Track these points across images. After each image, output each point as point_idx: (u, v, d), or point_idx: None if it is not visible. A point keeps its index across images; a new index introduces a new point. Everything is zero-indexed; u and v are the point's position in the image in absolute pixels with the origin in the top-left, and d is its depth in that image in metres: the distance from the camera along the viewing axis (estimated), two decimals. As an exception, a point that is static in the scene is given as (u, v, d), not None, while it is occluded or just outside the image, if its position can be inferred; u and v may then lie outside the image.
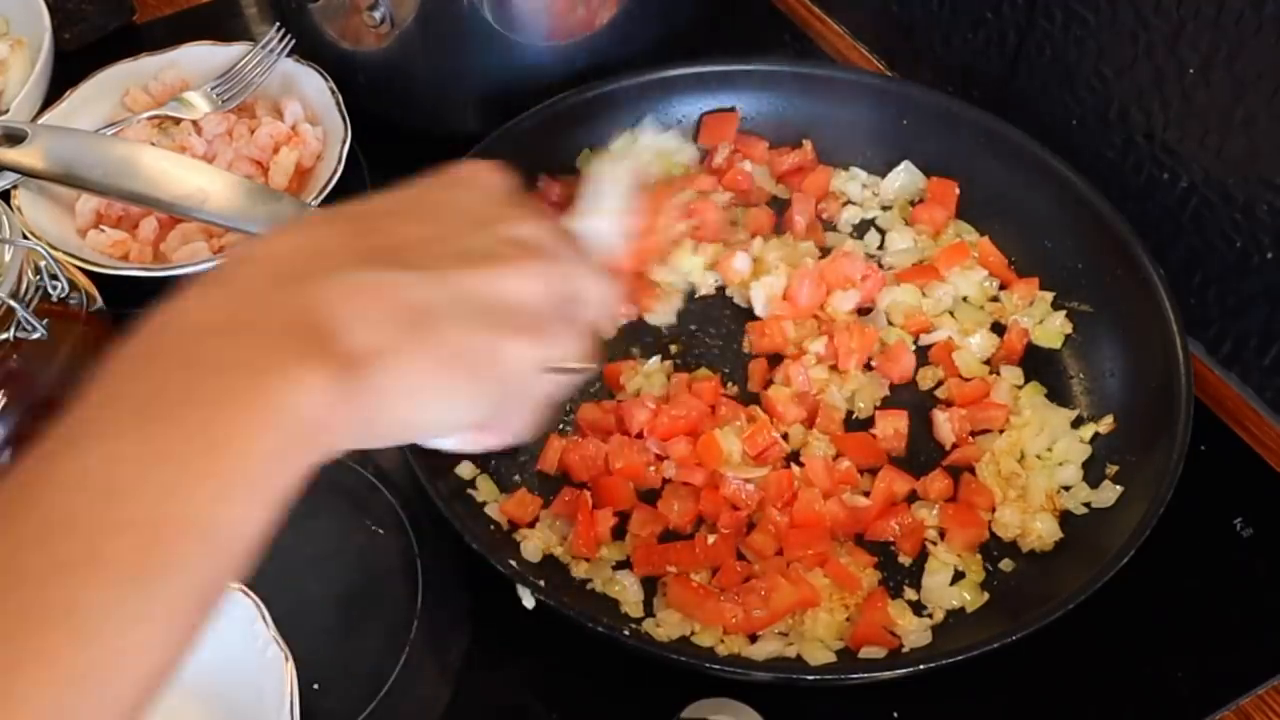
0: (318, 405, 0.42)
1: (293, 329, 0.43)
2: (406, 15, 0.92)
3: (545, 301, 0.49)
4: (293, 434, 0.41)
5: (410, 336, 0.44)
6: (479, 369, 0.46)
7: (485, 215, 0.50)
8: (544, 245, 0.51)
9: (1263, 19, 0.75)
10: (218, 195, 0.84)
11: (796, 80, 0.96)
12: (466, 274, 0.47)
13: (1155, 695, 0.73)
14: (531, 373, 0.49)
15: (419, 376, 0.45)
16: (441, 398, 0.46)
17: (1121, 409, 0.82)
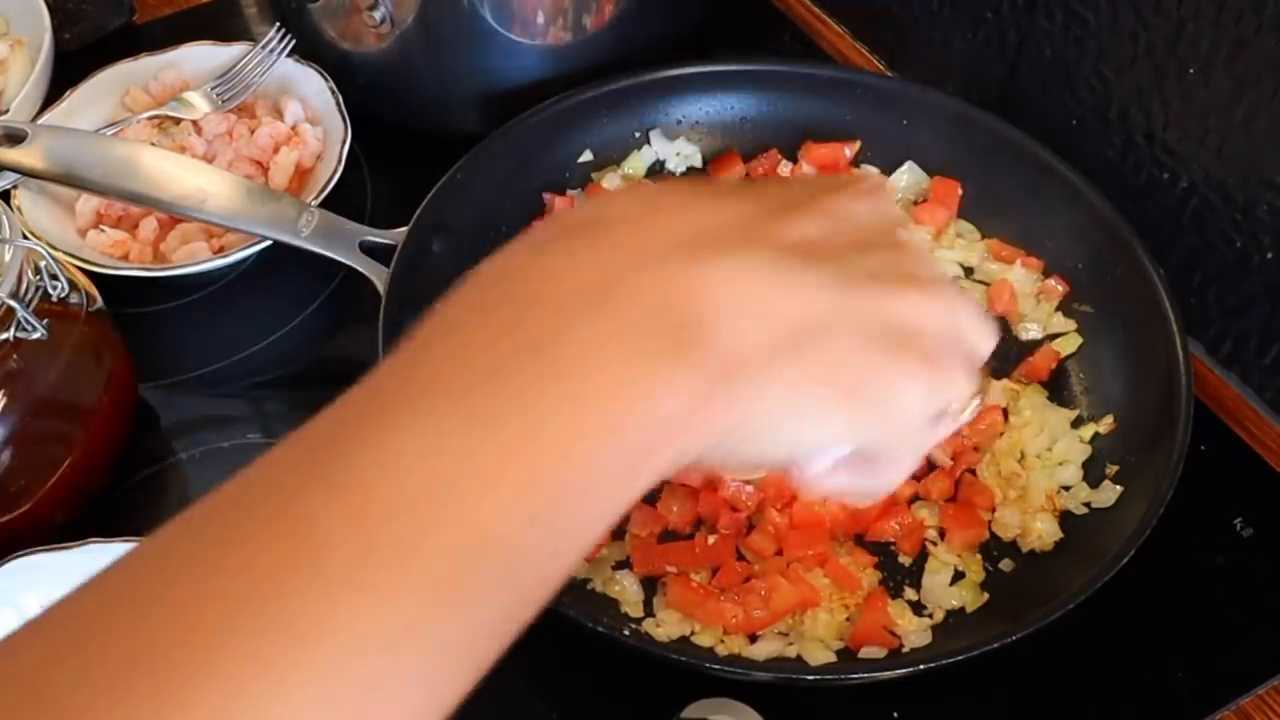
0: (682, 410, 0.36)
1: (669, 313, 0.37)
2: (406, 15, 0.92)
3: (943, 335, 0.43)
4: (648, 444, 0.36)
5: (797, 343, 0.39)
6: (862, 392, 0.41)
7: (876, 236, 0.44)
8: (934, 280, 0.45)
9: (1263, 19, 0.75)
10: (218, 195, 0.84)
11: (796, 80, 0.96)
12: (870, 286, 0.41)
13: (1155, 695, 0.73)
14: (919, 410, 0.43)
15: (801, 387, 0.39)
16: (819, 416, 0.41)
17: (1121, 409, 0.82)
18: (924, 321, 0.42)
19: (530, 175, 0.93)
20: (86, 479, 0.77)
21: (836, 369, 0.40)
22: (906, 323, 0.42)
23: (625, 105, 0.95)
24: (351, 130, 0.95)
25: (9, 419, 0.71)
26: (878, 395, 0.41)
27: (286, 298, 0.92)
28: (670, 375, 0.36)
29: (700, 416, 0.37)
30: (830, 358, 0.40)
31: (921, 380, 0.42)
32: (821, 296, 0.40)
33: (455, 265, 0.87)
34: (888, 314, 0.41)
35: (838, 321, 0.40)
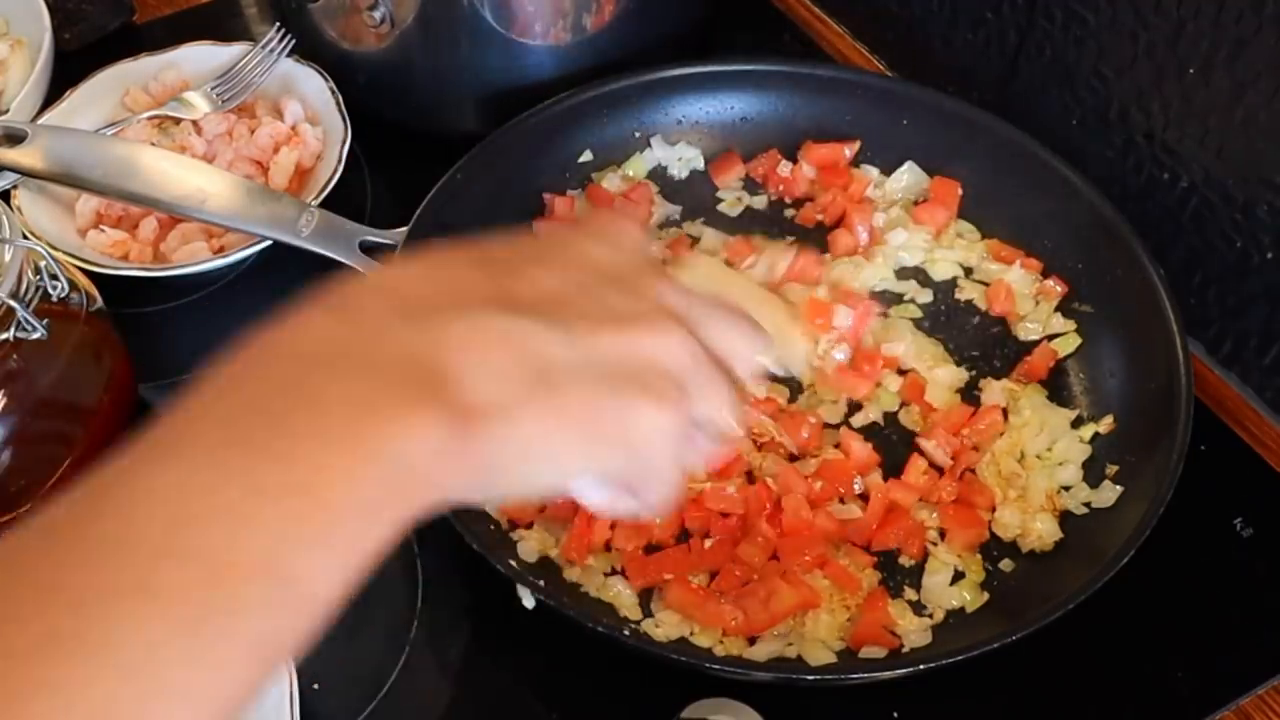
0: (426, 455, 0.38)
1: (410, 368, 0.40)
2: (406, 15, 0.92)
3: (686, 367, 0.47)
4: (395, 484, 0.38)
5: (535, 391, 0.42)
6: (604, 430, 0.44)
7: (627, 275, 0.48)
8: (687, 311, 0.48)
9: (1263, 19, 0.75)
10: (218, 195, 0.84)
11: (796, 80, 0.96)
12: (604, 332, 0.45)
13: (1155, 695, 0.73)
14: (664, 440, 0.46)
15: (538, 433, 0.42)
16: (559, 457, 0.44)
17: (1121, 409, 0.82)
18: (661, 357, 0.46)
19: (530, 175, 0.93)
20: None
21: (571, 411, 0.43)
22: (641, 360, 0.45)
23: (625, 105, 0.95)
24: (351, 130, 0.95)
25: (9, 419, 0.71)
26: (612, 431, 0.45)
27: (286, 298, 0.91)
28: (415, 421, 0.38)
29: (448, 459, 0.39)
30: (564, 402, 0.43)
31: (656, 414, 0.45)
32: (551, 347, 0.43)
33: (455, 265, 0.88)
34: (620, 354, 0.45)
35: (568, 368, 0.43)
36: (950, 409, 0.83)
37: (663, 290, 0.49)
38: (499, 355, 0.42)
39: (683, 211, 0.96)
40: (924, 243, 0.92)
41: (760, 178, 0.97)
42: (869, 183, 0.95)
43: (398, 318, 0.41)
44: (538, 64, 0.97)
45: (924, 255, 0.92)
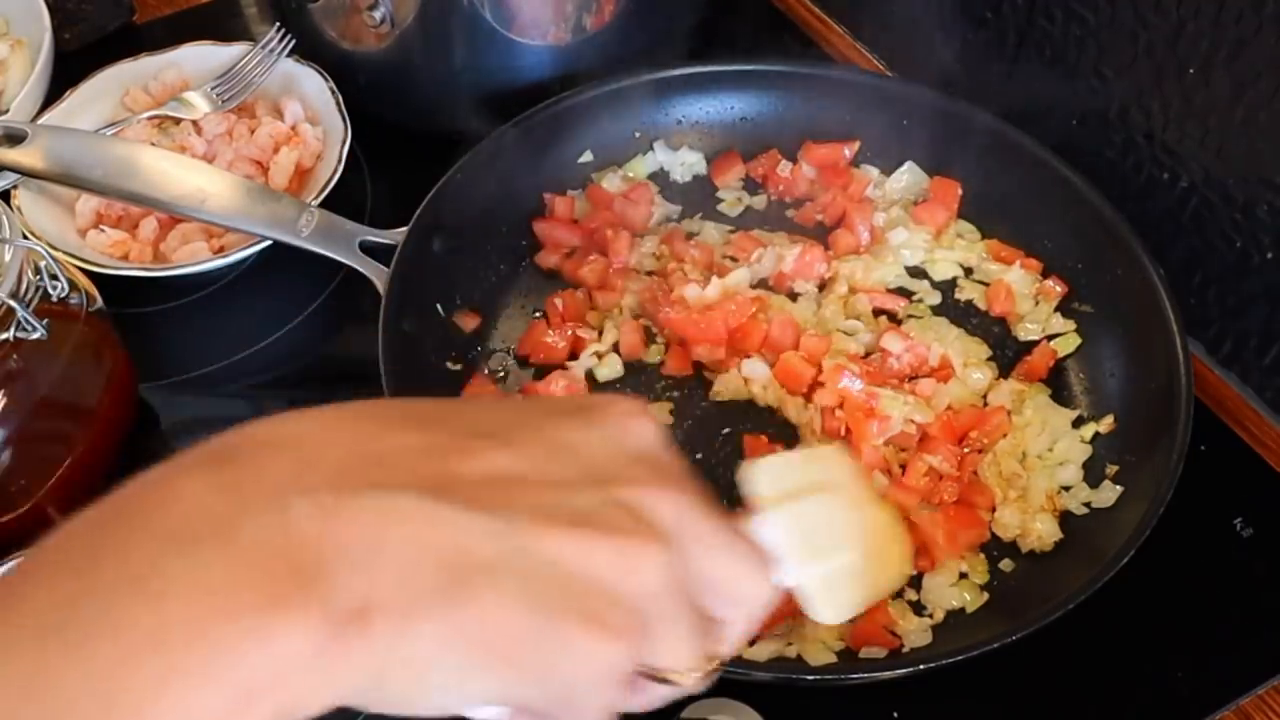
0: (295, 654, 0.33)
1: (292, 553, 0.34)
2: (406, 15, 0.92)
3: (651, 598, 0.38)
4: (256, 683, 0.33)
5: (442, 597, 0.35)
6: (518, 657, 0.36)
7: (612, 470, 0.40)
8: (678, 529, 0.39)
9: (1263, 19, 0.75)
10: (218, 195, 0.84)
11: (796, 80, 0.96)
12: (551, 533, 0.37)
13: (1155, 695, 0.73)
14: (595, 682, 0.38)
15: (437, 649, 0.35)
16: (461, 679, 0.36)
17: (1122, 409, 0.82)
18: (613, 575, 0.37)
19: (530, 175, 0.93)
20: (86, 479, 0.77)
21: (481, 628, 0.36)
22: (585, 574, 0.37)
23: (625, 105, 0.95)
24: (351, 130, 0.95)
25: (9, 419, 0.71)
26: (529, 659, 0.36)
27: (286, 298, 0.92)
28: (282, 619, 0.33)
29: (323, 664, 0.33)
30: (479, 615, 0.35)
31: (583, 647, 0.37)
32: (477, 543, 0.36)
33: (455, 265, 0.88)
34: (563, 564, 0.37)
35: (493, 573, 0.36)
36: (960, 409, 0.83)
37: (657, 501, 0.39)
38: (408, 547, 0.35)
39: (682, 211, 0.96)
40: (924, 243, 0.92)
41: (760, 178, 0.97)
42: (869, 183, 0.95)
43: (295, 489, 0.35)
44: (538, 64, 0.97)
45: (924, 255, 0.92)
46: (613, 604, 0.37)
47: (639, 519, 0.38)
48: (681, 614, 0.39)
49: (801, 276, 0.89)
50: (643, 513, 0.39)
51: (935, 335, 0.86)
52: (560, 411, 0.42)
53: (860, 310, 0.88)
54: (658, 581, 0.38)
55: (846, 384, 0.81)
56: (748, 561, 0.43)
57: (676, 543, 0.39)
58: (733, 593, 0.42)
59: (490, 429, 0.40)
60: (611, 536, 0.38)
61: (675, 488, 0.40)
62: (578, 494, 0.38)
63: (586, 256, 0.91)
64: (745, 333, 0.85)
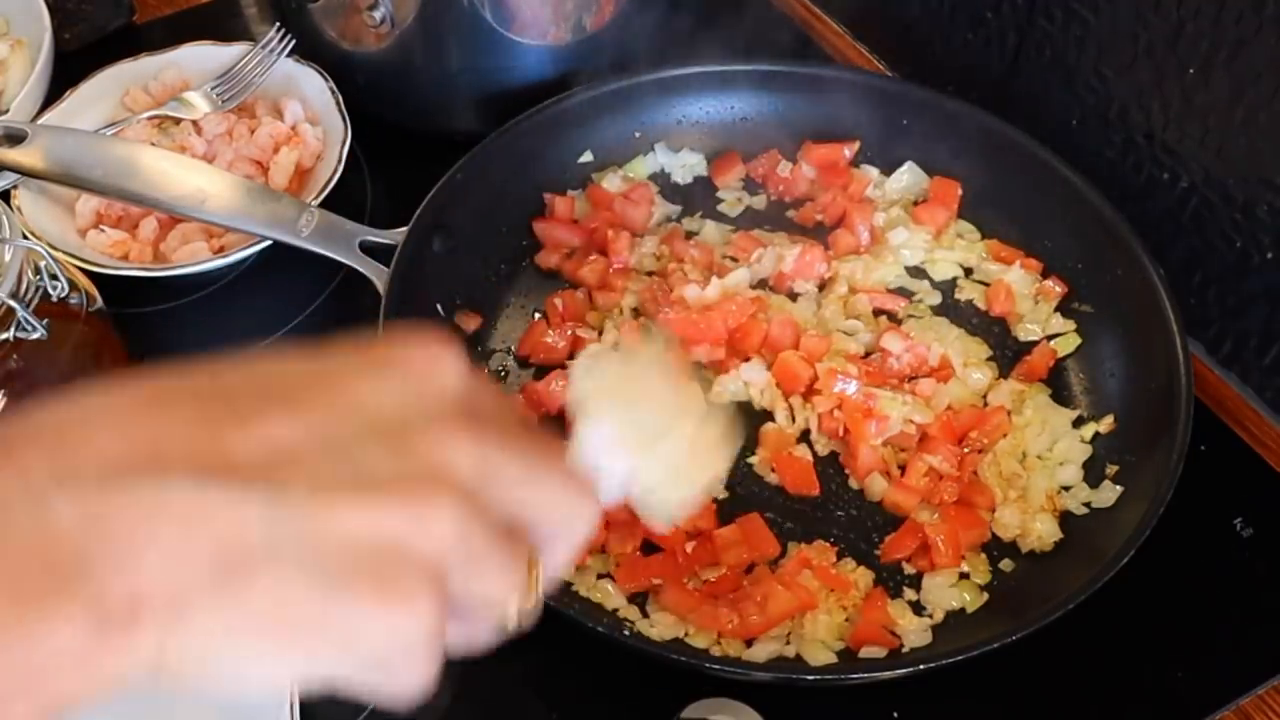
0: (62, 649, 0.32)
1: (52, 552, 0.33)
2: (406, 15, 0.92)
3: (449, 550, 0.37)
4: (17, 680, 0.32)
5: (215, 583, 0.34)
6: (314, 635, 0.35)
7: (407, 423, 0.38)
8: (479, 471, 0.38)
9: (1263, 19, 0.75)
10: (218, 195, 0.84)
11: (796, 80, 0.96)
12: (337, 504, 0.35)
13: (1155, 695, 0.73)
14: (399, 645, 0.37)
15: (218, 634, 0.34)
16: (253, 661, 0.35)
17: (1122, 409, 0.82)
18: (404, 535, 0.36)
19: (530, 175, 0.93)
20: (86, 479, 0.77)
21: (268, 611, 0.35)
22: (372, 540, 0.35)
23: (625, 105, 0.95)
24: (351, 130, 0.95)
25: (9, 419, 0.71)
26: (318, 634, 0.35)
27: (286, 298, 0.92)
28: (39, 619, 0.32)
29: (90, 661, 0.33)
30: (259, 599, 0.34)
31: (373, 614, 0.35)
32: (251, 525, 0.34)
33: (455, 265, 0.88)
34: (345, 533, 0.35)
35: (270, 552, 0.34)
36: (960, 409, 0.83)
37: (453, 447, 0.38)
38: (176, 536, 0.34)
39: (682, 211, 0.96)
40: (924, 243, 0.92)
41: (760, 178, 0.97)
42: (869, 183, 0.95)
43: (55, 482, 0.34)
44: (538, 64, 0.97)
45: (924, 255, 0.92)
46: (407, 566, 0.36)
47: (432, 471, 0.37)
48: (488, 553, 0.38)
49: (801, 276, 0.89)
50: (436, 463, 0.37)
51: (935, 335, 0.86)
52: (354, 364, 0.40)
53: (860, 310, 0.88)
54: (453, 533, 0.37)
55: (842, 388, 0.81)
56: (563, 486, 0.42)
57: (478, 485, 0.38)
58: (549, 519, 0.41)
59: (275, 391, 0.38)
60: (399, 496, 0.36)
61: (475, 428, 0.38)
62: (364, 455, 0.37)
63: (586, 256, 0.91)
64: (745, 333, 0.85)
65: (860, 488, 0.80)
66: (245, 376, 0.39)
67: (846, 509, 0.80)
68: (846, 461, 0.81)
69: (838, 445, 0.82)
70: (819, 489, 0.80)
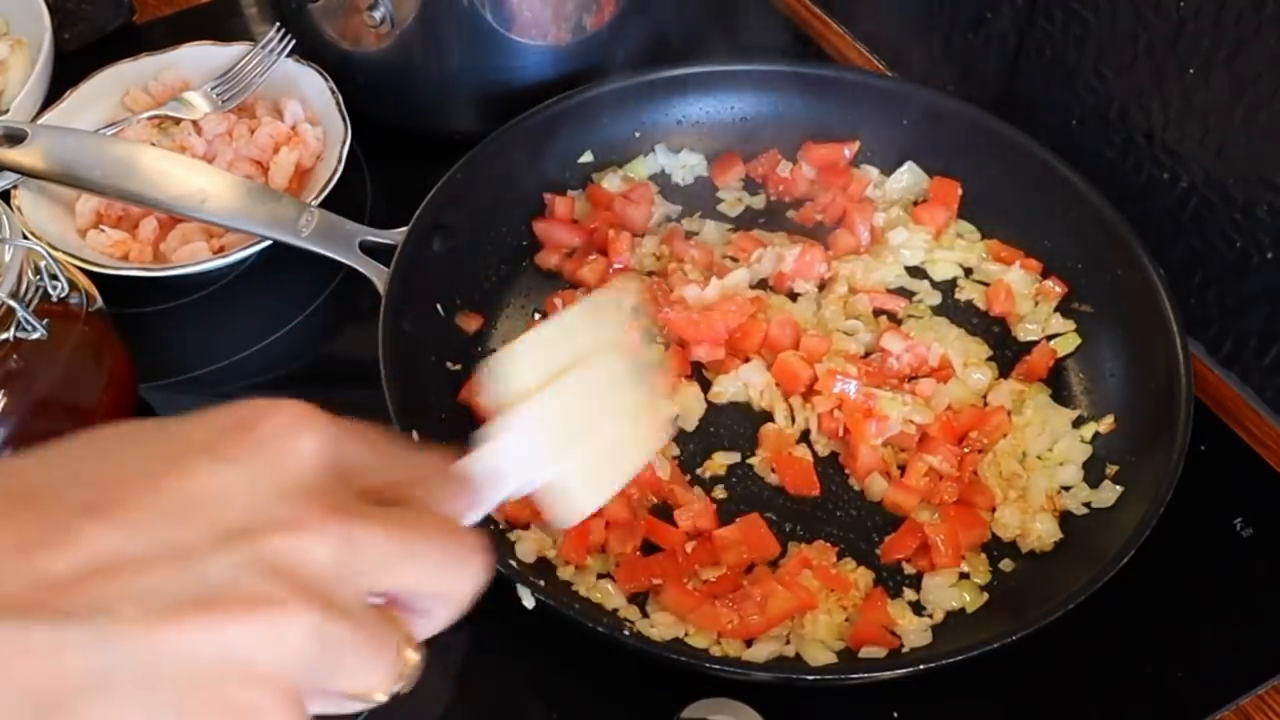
0: None
1: None
2: (406, 15, 0.92)
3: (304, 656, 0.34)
4: None
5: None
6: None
7: (251, 519, 0.34)
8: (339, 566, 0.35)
9: (1263, 19, 0.75)
10: (218, 195, 0.84)
11: (796, 80, 0.96)
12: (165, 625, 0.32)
13: (1155, 695, 0.73)
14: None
15: None
16: None
17: (1122, 409, 0.82)
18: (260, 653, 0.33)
19: (530, 175, 0.93)
20: (86, 479, 0.77)
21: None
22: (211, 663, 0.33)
23: (625, 105, 0.95)
24: (351, 130, 0.95)
25: (9, 419, 0.71)
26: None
27: (286, 298, 0.92)
28: None
29: None
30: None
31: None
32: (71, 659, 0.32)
33: (455, 265, 0.88)
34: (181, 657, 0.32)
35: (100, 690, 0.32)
36: (960, 409, 0.83)
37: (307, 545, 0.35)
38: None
39: (682, 210, 0.96)
40: (924, 243, 0.92)
41: (760, 178, 0.97)
42: (869, 183, 0.95)
43: None
44: (538, 64, 0.97)
45: (924, 255, 0.92)
46: (256, 685, 0.33)
47: (282, 575, 0.34)
48: (351, 651, 0.35)
49: (801, 276, 0.90)
50: (287, 564, 0.34)
51: (935, 335, 0.86)
52: (193, 449, 0.36)
53: (860, 310, 0.88)
54: (307, 643, 0.34)
55: (842, 388, 0.81)
56: (441, 552, 0.38)
57: (337, 576, 0.35)
58: (426, 589, 0.38)
59: (100, 495, 0.34)
60: (244, 610, 0.33)
61: (335, 510, 0.35)
62: (203, 563, 0.33)
63: (586, 256, 0.91)
64: (745, 333, 0.85)
65: (860, 488, 0.80)
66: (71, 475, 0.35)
67: (846, 509, 0.80)
68: (846, 461, 0.81)
69: (838, 445, 0.82)
70: (819, 489, 0.80)
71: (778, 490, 0.80)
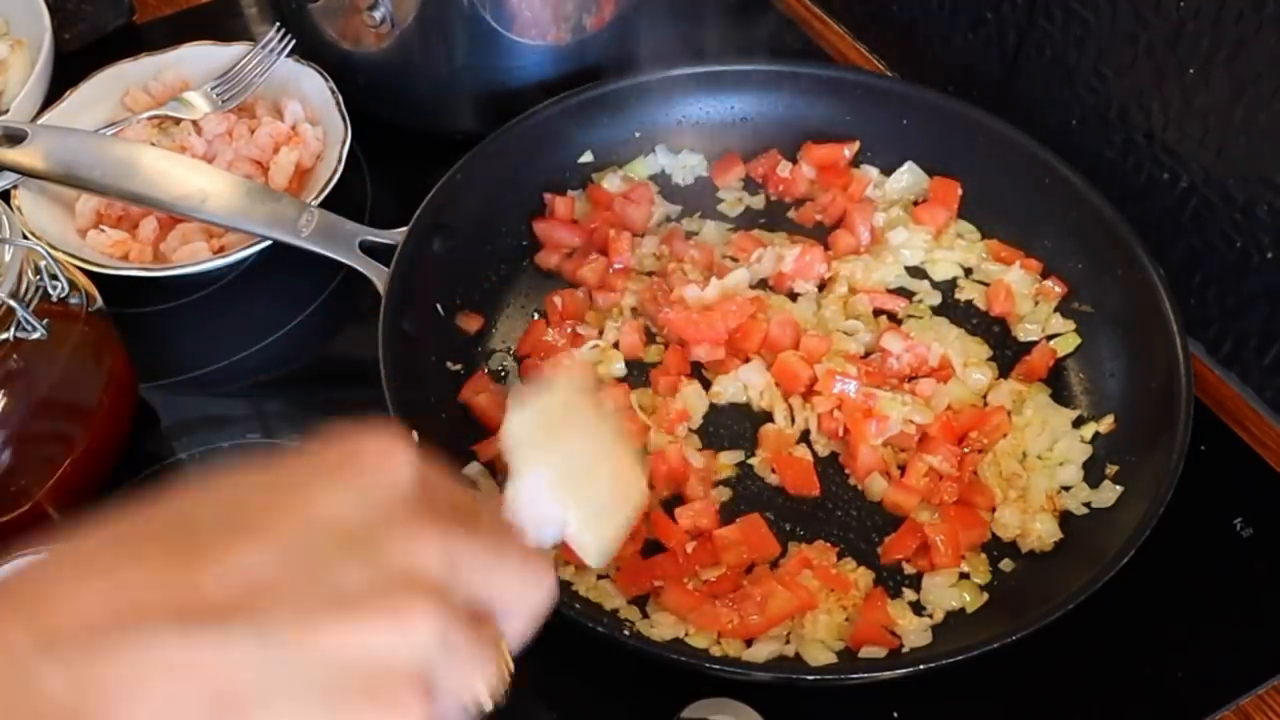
0: None
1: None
2: (406, 15, 0.92)
3: (430, 655, 0.37)
4: None
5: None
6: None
7: (372, 527, 0.38)
8: (446, 568, 0.38)
9: (1263, 19, 0.75)
10: (218, 195, 0.84)
11: (796, 80, 0.96)
12: (321, 629, 0.35)
13: (1155, 695, 0.73)
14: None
15: None
16: None
17: (1122, 409, 0.82)
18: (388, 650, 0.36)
19: (530, 175, 0.93)
20: (86, 479, 0.77)
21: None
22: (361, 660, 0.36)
23: (625, 105, 0.95)
24: (351, 130, 0.95)
25: (9, 419, 0.71)
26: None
27: (286, 298, 0.92)
28: None
29: None
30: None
31: None
32: (240, 667, 0.34)
33: (455, 265, 0.88)
34: (334, 656, 0.35)
35: (266, 689, 0.34)
36: (960, 409, 0.83)
37: (420, 550, 0.38)
38: (168, 690, 0.33)
39: (682, 210, 0.96)
40: (924, 243, 0.92)
41: (760, 178, 0.97)
42: (869, 183, 0.95)
43: (38, 650, 0.33)
44: (538, 64, 0.97)
45: (924, 255, 0.92)
46: (397, 677, 0.36)
47: (405, 576, 0.37)
48: (467, 649, 0.39)
49: (801, 276, 0.90)
50: (407, 566, 0.38)
51: (935, 335, 0.86)
52: (311, 477, 0.39)
53: (860, 310, 0.88)
54: (435, 635, 0.37)
55: (841, 388, 0.81)
56: (519, 569, 0.42)
57: (447, 579, 0.38)
58: (512, 603, 0.42)
59: (238, 519, 0.38)
60: (378, 609, 0.36)
61: (436, 521, 0.39)
62: (337, 571, 0.37)
63: (586, 256, 0.91)
64: (745, 333, 0.85)
65: (860, 488, 0.80)
66: (206, 507, 0.38)
67: (846, 509, 0.80)
68: (846, 461, 0.81)
69: (838, 445, 0.82)
70: (819, 489, 0.80)
71: (778, 490, 0.80)
